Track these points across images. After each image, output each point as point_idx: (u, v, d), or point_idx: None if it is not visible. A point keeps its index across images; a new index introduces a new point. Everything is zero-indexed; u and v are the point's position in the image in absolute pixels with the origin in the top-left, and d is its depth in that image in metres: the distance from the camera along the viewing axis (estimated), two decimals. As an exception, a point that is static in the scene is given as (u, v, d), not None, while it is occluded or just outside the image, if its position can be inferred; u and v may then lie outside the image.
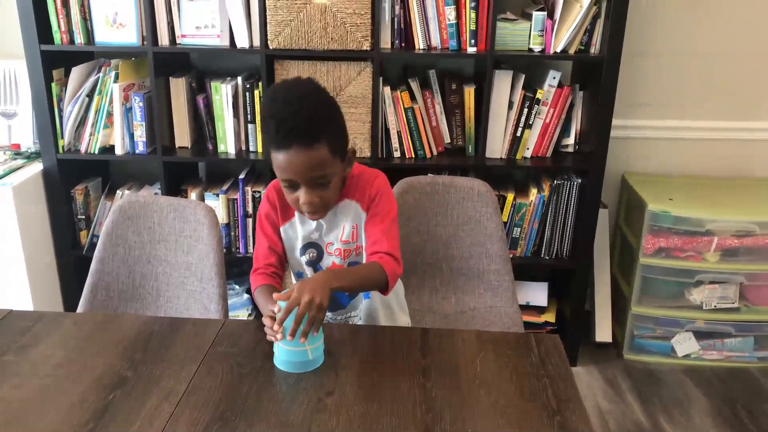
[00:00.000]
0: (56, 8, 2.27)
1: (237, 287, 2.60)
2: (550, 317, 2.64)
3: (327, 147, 1.32)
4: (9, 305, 1.59)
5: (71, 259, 2.52)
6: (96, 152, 2.40)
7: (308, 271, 1.54)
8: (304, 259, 1.53)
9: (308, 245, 1.52)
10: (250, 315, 2.57)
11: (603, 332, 2.70)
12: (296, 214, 1.49)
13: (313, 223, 1.50)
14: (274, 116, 1.31)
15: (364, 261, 1.49)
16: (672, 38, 2.58)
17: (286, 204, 1.46)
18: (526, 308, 2.61)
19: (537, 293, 2.62)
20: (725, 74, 2.63)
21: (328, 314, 1.58)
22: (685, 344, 2.60)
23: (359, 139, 2.32)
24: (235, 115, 2.37)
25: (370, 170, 1.51)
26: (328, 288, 1.27)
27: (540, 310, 2.64)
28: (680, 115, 2.68)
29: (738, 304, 2.55)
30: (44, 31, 2.28)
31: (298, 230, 1.52)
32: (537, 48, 2.26)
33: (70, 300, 2.53)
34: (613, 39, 2.21)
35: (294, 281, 1.60)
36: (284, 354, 1.28)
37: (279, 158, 1.32)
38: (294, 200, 1.38)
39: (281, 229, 1.52)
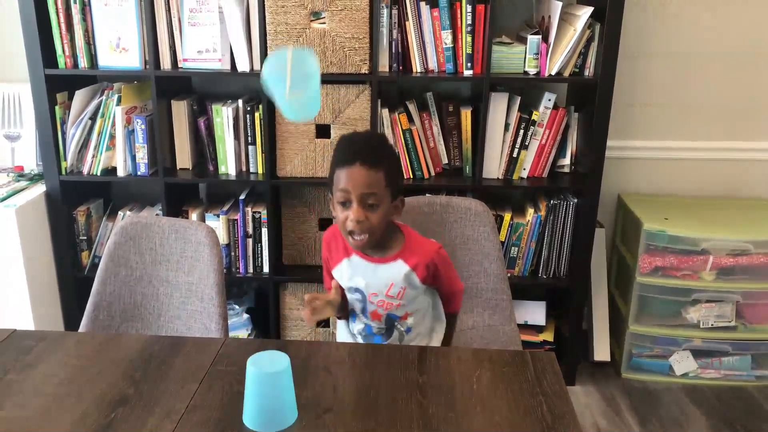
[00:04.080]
0: (61, 33, 2.31)
1: (237, 307, 2.62)
2: (548, 336, 2.65)
3: (384, 176, 1.48)
4: (10, 324, 1.61)
5: (72, 280, 2.54)
6: (98, 174, 2.43)
7: (357, 306, 1.63)
8: (352, 298, 1.64)
9: (354, 289, 1.61)
10: (249, 335, 2.59)
11: (601, 351, 2.71)
12: (344, 259, 1.61)
13: (359, 269, 1.59)
14: (346, 140, 1.55)
15: (405, 312, 1.61)
16: (666, 59, 2.63)
17: (337, 247, 1.62)
18: (525, 327, 2.62)
19: (535, 312, 2.64)
20: (719, 95, 2.67)
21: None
22: (683, 363, 2.62)
23: (358, 161, 2.36)
24: (236, 136, 2.41)
25: (430, 241, 1.62)
26: None
27: (538, 329, 2.66)
28: (675, 135, 2.72)
29: (735, 323, 2.56)
30: (49, 56, 2.33)
31: (344, 273, 1.62)
32: (532, 71, 2.30)
33: (71, 320, 2.55)
34: (606, 62, 2.25)
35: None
36: (250, 408, 1.20)
37: (342, 173, 1.47)
38: (344, 219, 1.49)
39: (333, 271, 1.65)
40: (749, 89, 2.66)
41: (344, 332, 1.72)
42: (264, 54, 2.25)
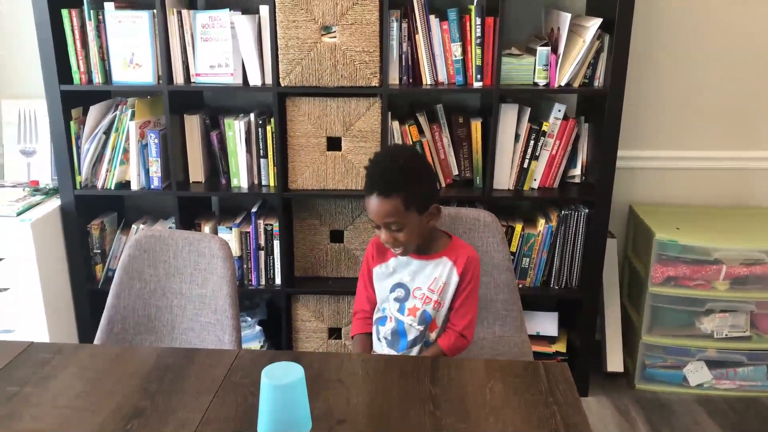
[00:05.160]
0: (76, 50, 2.35)
1: (249, 319, 2.63)
2: (561, 347, 2.64)
3: (401, 201, 1.56)
4: (25, 337, 1.63)
5: (86, 293, 2.56)
6: (112, 188, 2.46)
7: (393, 306, 1.72)
8: (393, 296, 1.73)
9: (398, 285, 1.73)
10: (262, 346, 2.59)
11: (614, 362, 2.70)
12: (392, 258, 1.73)
13: (406, 266, 1.71)
14: (369, 169, 1.64)
15: (435, 317, 1.70)
16: (675, 69, 2.63)
17: (383, 249, 1.74)
18: (537, 338, 2.61)
19: (547, 323, 2.63)
20: (728, 105, 2.67)
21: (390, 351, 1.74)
22: (697, 373, 2.60)
23: (369, 173, 2.37)
24: (248, 150, 2.43)
25: (473, 252, 1.72)
26: None
27: (551, 340, 2.65)
28: (685, 145, 2.72)
29: (749, 333, 2.54)
30: (64, 72, 2.36)
31: (390, 270, 1.74)
32: (542, 82, 2.31)
33: (85, 332, 2.57)
34: (616, 72, 2.26)
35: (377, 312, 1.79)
36: (264, 419, 1.20)
37: (367, 201, 1.61)
38: (379, 236, 1.64)
39: (374, 269, 1.76)
40: (759, 98, 2.66)
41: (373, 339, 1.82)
42: (276, 69, 2.27)
